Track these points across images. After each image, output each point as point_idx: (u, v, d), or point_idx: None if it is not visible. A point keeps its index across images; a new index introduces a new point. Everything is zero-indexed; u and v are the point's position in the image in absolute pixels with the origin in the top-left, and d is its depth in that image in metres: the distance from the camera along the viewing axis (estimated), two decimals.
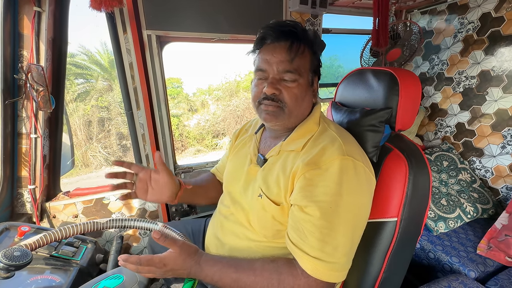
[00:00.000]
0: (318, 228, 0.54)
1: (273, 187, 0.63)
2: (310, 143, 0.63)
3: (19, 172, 1.10)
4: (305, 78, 0.64)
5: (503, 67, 1.42)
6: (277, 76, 0.63)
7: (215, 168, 0.99)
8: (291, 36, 0.62)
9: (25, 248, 0.57)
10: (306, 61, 0.64)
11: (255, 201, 0.65)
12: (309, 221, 0.55)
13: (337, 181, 0.55)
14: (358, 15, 1.68)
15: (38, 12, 0.97)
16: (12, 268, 0.53)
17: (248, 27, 1.34)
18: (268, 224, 0.64)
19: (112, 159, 8.39)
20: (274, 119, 0.64)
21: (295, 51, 0.61)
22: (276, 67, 0.62)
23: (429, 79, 1.77)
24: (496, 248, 1.17)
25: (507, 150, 1.44)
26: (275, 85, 0.62)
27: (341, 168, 0.55)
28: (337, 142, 0.60)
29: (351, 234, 0.56)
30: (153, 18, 1.16)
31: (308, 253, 0.54)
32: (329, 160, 0.56)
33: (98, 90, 9.08)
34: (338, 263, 0.55)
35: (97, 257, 0.94)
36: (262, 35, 0.65)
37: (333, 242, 0.54)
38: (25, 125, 1.06)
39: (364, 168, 0.58)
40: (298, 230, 0.57)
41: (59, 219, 1.23)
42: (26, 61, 1.00)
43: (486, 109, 1.51)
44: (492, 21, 1.42)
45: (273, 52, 0.63)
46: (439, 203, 1.38)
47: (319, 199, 0.55)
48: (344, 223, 0.55)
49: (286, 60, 0.61)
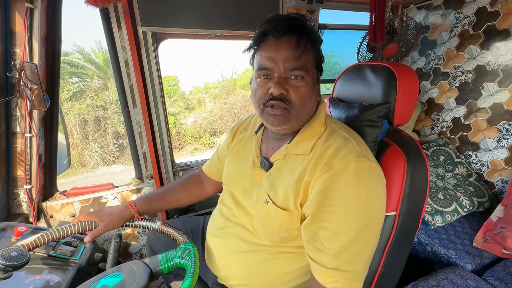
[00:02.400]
0: (335, 234, 0.51)
1: (281, 193, 0.60)
2: (319, 145, 0.59)
3: (14, 172, 1.09)
4: (311, 76, 0.59)
5: (498, 61, 1.42)
6: (284, 75, 0.57)
7: (206, 166, 0.96)
8: (298, 30, 0.57)
9: (22, 249, 0.57)
10: (312, 58, 0.60)
11: (261, 207, 0.63)
12: (324, 228, 0.52)
13: (354, 184, 0.52)
14: (354, 10, 1.68)
15: (30, 8, 0.95)
16: (10, 268, 0.52)
17: (244, 23, 1.33)
18: (274, 231, 0.62)
19: (108, 158, 8.36)
20: (283, 124, 0.59)
21: (303, 46, 0.56)
22: (283, 65, 0.56)
23: (425, 74, 1.78)
24: (492, 240, 1.19)
25: (502, 144, 1.46)
26: (282, 84, 0.56)
27: (357, 170, 0.52)
28: (350, 143, 0.56)
29: (370, 238, 0.54)
30: (148, 14, 1.14)
31: (326, 265, 0.52)
32: (344, 161, 0.53)
33: (93, 89, 8.99)
34: (358, 272, 0.52)
35: (95, 256, 0.93)
36: (264, 29, 0.58)
37: (352, 248, 0.51)
38: (20, 124, 1.04)
39: (378, 170, 0.56)
40: (314, 241, 0.54)
41: (57, 218, 1.22)
42: (19, 59, 0.98)
43: (481, 104, 1.52)
44: (488, 16, 1.43)
45: (278, 49, 0.56)
46: (436, 197, 1.39)
47: (334, 202, 0.52)
48: (363, 227, 0.52)
49: (294, 57, 0.56)
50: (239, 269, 0.70)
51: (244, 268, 0.69)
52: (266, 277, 0.67)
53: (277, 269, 0.66)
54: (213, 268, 0.78)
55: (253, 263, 0.67)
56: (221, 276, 0.75)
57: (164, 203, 0.89)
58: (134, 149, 1.35)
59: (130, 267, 0.60)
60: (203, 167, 0.98)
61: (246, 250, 0.68)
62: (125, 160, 8.48)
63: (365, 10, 1.63)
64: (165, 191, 0.91)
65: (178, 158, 7.86)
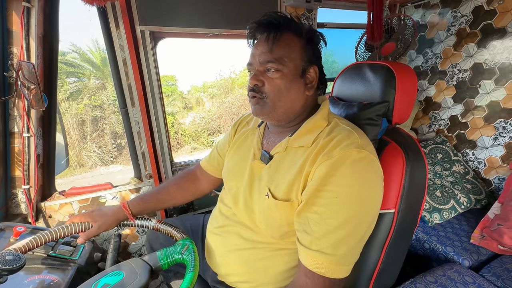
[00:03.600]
0: (323, 218, 0.53)
1: (282, 185, 0.61)
2: (321, 138, 0.60)
3: (12, 172, 1.08)
4: (291, 67, 0.61)
5: (495, 59, 1.44)
6: (261, 68, 0.62)
7: (204, 161, 0.96)
8: (269, 27, 0.62)
9: (17, 252, 0.56)
10: (293, 50, 0.62)
11: (262, 201, 0.64)
12: (315, 212, 0.54)
13: (349, 173, 0.53)
14: (352, 9, 1.68)
15: (27, 7, 0.94)
16: (5, 273, 0.52)
17: (243, 22, 1.33)
18: (275, 224, 0.63)
19: (107, 158, 8.32)
20: (259, 113, 0.64)
21: (272, 40, 0.60)
22: (258, 59, 0.62)
23: (423, 73, 1.79)
24: (489, 237, 1.20)
25: (499, 141, 1.47)
26: (258, 76, 0.62)
27: (355, 160, 0.53)
28: (353, 135, 0.58)
29: (358, 227, 0.54)
30: (147, 13, 1.14)
31: (310, 247, 0.53)
32: (343, 151, 0.54)
33: (91, 89, 8.94)
34: (340, 256, 0.53)
35: (95, 256, 0.93)
36: (249, 31, 0.65)
37: (337, 233, 0.52)
38: (17, 124, 1.04)
39: (376, 163, 0.57)
40: (304, 224, 0.56)
41: (55, 218, 1.22)
42: (16, 58, 0.97)
43: (478, 102, 1.53)
44: (485, 14, 1.44)
45: (257, 45, 0.64)
46: (434, 194, 1.40)
47: (327, 188, 0.53)
48: (352, 215, 0.53)
49: (266, 50, 0.61)
50: (239, 266, 0.70)
51: (244, 265, 0.69)
52: (266, 274, 0.68)
53: (277, 266, 0.67)
54: (213, 265, 0.78)
55: (253, 260, 0.68)
56: (221, 273, 0.75)
57: (158, 203, 0.89)
58: (133, 149, 1.34)
59: (130, 265, 0.60)
60: (201, 163, 0.97)
61: (246, 248, 0.69)
62: (123, 160, 8.46)
63: (363, 9, 1.64)
64: (158, 191, 0.90)
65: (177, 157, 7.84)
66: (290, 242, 0.65)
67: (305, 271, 0.54)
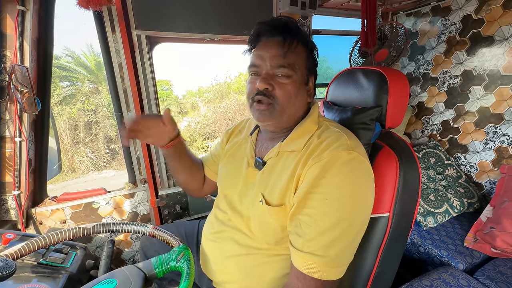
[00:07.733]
0: (314, 220, 0.53)
1: (275, 190, 0.61)
2: (312, 141, 0.61)
3: (2, 177, 1.05)
4: (299, 75, 0.62)
5: (484, 66, 1.48)
6: (271, 72, 0.61)
7: (204, 165, 0.94)
8: (284, 31, 0.61)
9: (7, 258, 0.54)
10: (301, 58, 0.63)
11: (256, 208, 0.63)
12: (306, 214, 0.54)
13: (339, 174, 0.53)
14: (346, 16, 1.72)
15: (22, 11, 0.94)
16: None
17: (238, 27, 1.34)
18: (270, 230, 0.62)
19: (100, 163, 8.19)
20: (267, 118, 0.62)
21: (288, 45, 0.60)
22: (269, 62, 0.60)
23: (415, 79, 1.83)
24: (482, 240, 1.21)
25: (489, 146, 1.50)
26: (268, 80, 0.60)
27: (345, 162, 0.54)
28: (342, 138, 0.58)
29: (350, 229, 0.54)
30: (143, 18, 1.14)
31: (302, 249, 0.53)
32: (333, 153, 0.54)
33: (85, 93, 8.84)
34: (331, 258, 0.52)
35: (87, 263, 0.91)
36: (256, 31, 0.63)
37: (329, 235, 0.52)
38: (9, 128, 1.02)
39: (366, 164, 0.57)
40: (296, 227, 0.56)
41: (46, 225, 1.19)
42: (10, 62, 0.96)
43: (469, 107, 1.57)
44: (473, 23, 1.48)
45: (267, 47, 0.61)
46: (428, 198, 1.42)
47: (318, 190, 0.53)
48: (343, 217, 0.52)
49: (279, 54, 0.59)
50: (235, 272, 0.69)
51: (240, 271, 0.68)
52: (261, 280, 0.67)
53: (273, 272, 0.66)
54: (208, 272, 0.77)
55: (249, 266, 0.67)
56: (216, 280, 0.74)
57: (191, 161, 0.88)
58: (128, 153, 1.33)
59: (123, 272, 0.58)
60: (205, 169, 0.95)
61: (241, 254, 0.68)
62: (117, 165, 8.33)
63: (357, 17, 1.68)
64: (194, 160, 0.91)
65: None
66: (285, 248, 0.64)
67: (297, 274, 0.54)
